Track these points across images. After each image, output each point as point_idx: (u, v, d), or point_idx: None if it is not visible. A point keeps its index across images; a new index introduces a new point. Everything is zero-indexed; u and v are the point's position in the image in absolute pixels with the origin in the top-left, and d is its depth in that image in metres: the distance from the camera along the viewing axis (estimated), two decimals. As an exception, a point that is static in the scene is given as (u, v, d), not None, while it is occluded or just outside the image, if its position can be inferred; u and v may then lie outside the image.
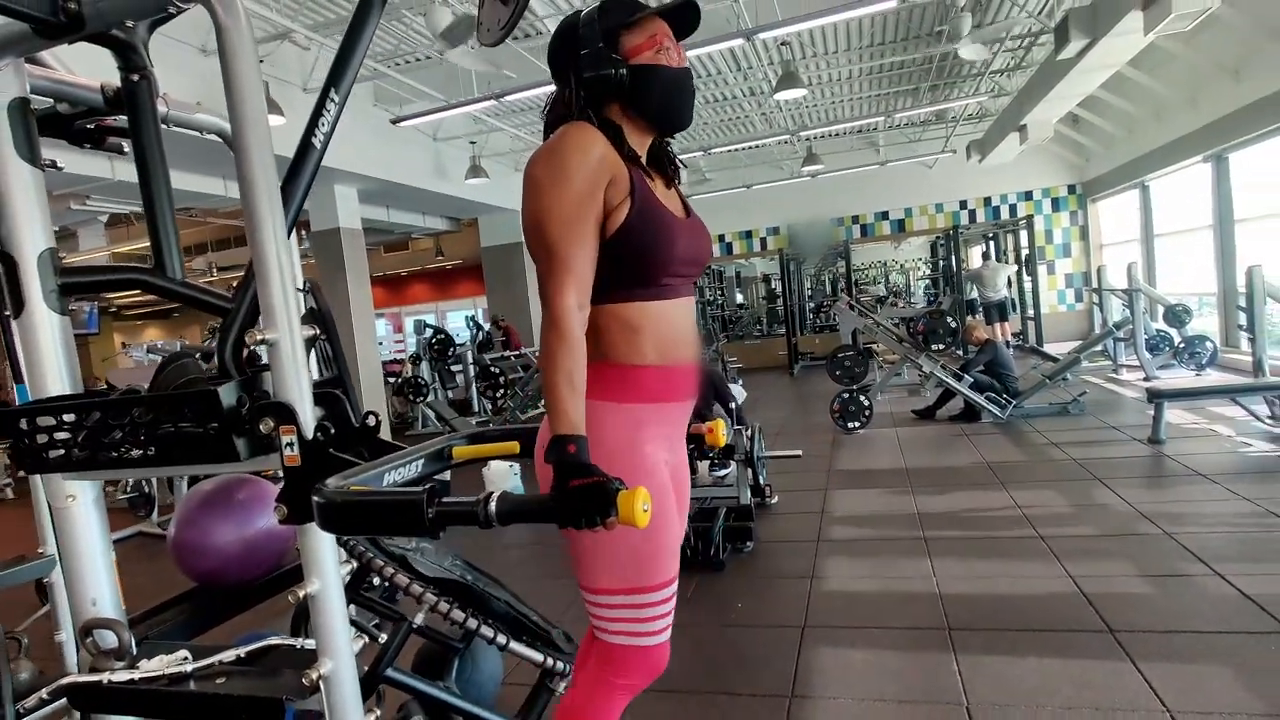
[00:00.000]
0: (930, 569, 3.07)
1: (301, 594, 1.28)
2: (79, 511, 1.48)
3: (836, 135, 11.75)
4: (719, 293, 15.44)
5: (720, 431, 1.47)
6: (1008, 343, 10.85)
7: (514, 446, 1.54)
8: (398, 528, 0.97)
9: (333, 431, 1.26)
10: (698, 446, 3.64)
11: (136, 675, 1.40)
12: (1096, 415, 5.90)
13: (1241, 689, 2.00)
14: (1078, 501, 3.81)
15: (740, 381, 8.73)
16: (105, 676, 1.40)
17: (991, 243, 13.28)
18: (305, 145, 1.66)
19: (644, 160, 1.25)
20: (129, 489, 5.51)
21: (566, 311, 1.07)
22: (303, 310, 1.88)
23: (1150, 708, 1.95)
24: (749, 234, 13.76)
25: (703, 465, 4.22)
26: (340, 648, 1.31)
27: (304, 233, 9.18)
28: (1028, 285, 11.61)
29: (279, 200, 1.32)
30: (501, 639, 1.60)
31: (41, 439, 1.39)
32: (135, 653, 1.49)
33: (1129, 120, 9.19)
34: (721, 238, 13.85)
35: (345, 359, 1.60)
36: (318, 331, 1.36)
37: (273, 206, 1.31)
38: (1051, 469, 4.52)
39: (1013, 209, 12.16)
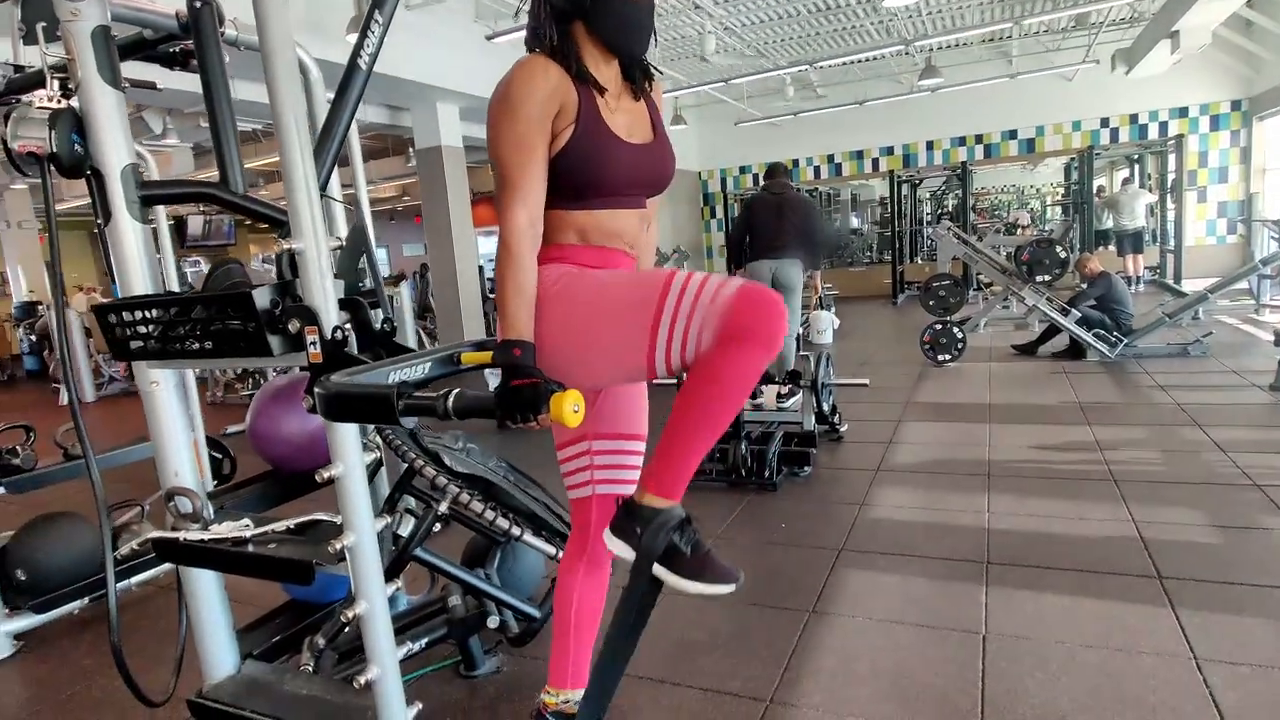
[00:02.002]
0: (985, 504, 3.02)
1: (326, 475, 1.45)
2: (162, 396, 1.70)
3: (961, 45, 10.83)
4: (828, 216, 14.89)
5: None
6: (1138, 277, 9.99)
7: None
8: (375, 416, 1.10)
9: (349, 334, 1.40)
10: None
11: (206, 536, 1.65)
12: (1220, 358, 5.42)
13: (1286, 645, 1.91)
14: (1166, 447, 3.59)
15: (833, 309, 8.54)
16: (182, 535, 1.66)
17: (1136, 165, 12.04)
18: (352, 66, 1.76)
19: (607, 83, 1.29)
20: (245, 391, 6.14)
21: (516, 231, 1.16)
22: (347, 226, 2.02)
23: (1175, 653, 1.90)
24: (860, 154, 13.08)
25: (769, 391, 4.23)
26: (362, 523, 1.49)
27: (410, 150, 9.53)
28: (1171, 214, 10.51)
29: (304, 114, 1.43)
30: (516, 530, 1.76)
31: (126, 332, 1.62)
32: (212, 517, 1.74)
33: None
34: (831, 158, 13.26)
35: (379, 270, 1.74)
36: (341, 242, 1.49)
37: (299, 120, 1.42)
38: (1148, 412, 4.23)
39: (1163, 127, 10.90)
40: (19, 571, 2.39)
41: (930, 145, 12.47)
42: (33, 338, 9.16)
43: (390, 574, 1.79)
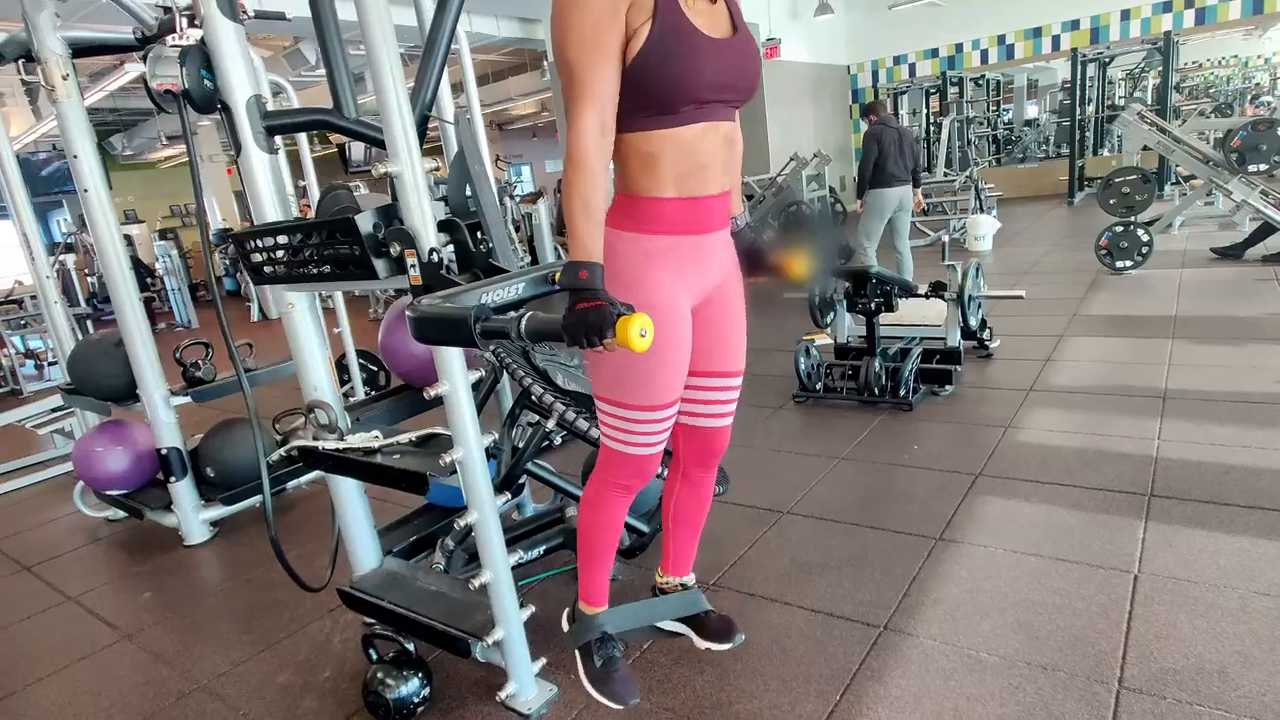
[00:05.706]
0: (1156, 430, 2.69)
1: (434, 393, 1.51)
2: (298, 316, 1.82)
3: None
4: (989, 108, 13.46)
5: (798, 264, 1.39)
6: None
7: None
8: (457, 339, 1.11)
9: (444, 256, 1.41)
10: (895, 286, 3.40)
11: (341, 445, 1.79)
12: None
13: None
14: (1404, 367, 3.01)
15: (994, 211, 7.80)
16: (320, 444, 1.81)
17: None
18: (451, -20, 1.72)
19: None
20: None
21: (585, 137, 1.07)
22: (455, 147, 2.03)
23: (1379, 610, 1.63)
24: (1038, 31, 11.52)
25: (906, 303, 3.93)
26: (469, 437, 1.54)
27: (545, 63, 9.48)
28: None
29: (393, 37, 1.41)
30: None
31: (258, 258, 1.73)
32: (349, 428, 1.88)
33: None
34: (1002, 39, 11.80)
35: (489, 192, 1.73)
36: (438, 165, 1.49)
37: (389, 44, 1.41)
38: (1384, 325, 3.56)
39: None
40: (209, 469, 2.74)
41: (1126, 15, 10.75)
42: (226, 262, 10.27)
43: (504, 485, 1.87)
